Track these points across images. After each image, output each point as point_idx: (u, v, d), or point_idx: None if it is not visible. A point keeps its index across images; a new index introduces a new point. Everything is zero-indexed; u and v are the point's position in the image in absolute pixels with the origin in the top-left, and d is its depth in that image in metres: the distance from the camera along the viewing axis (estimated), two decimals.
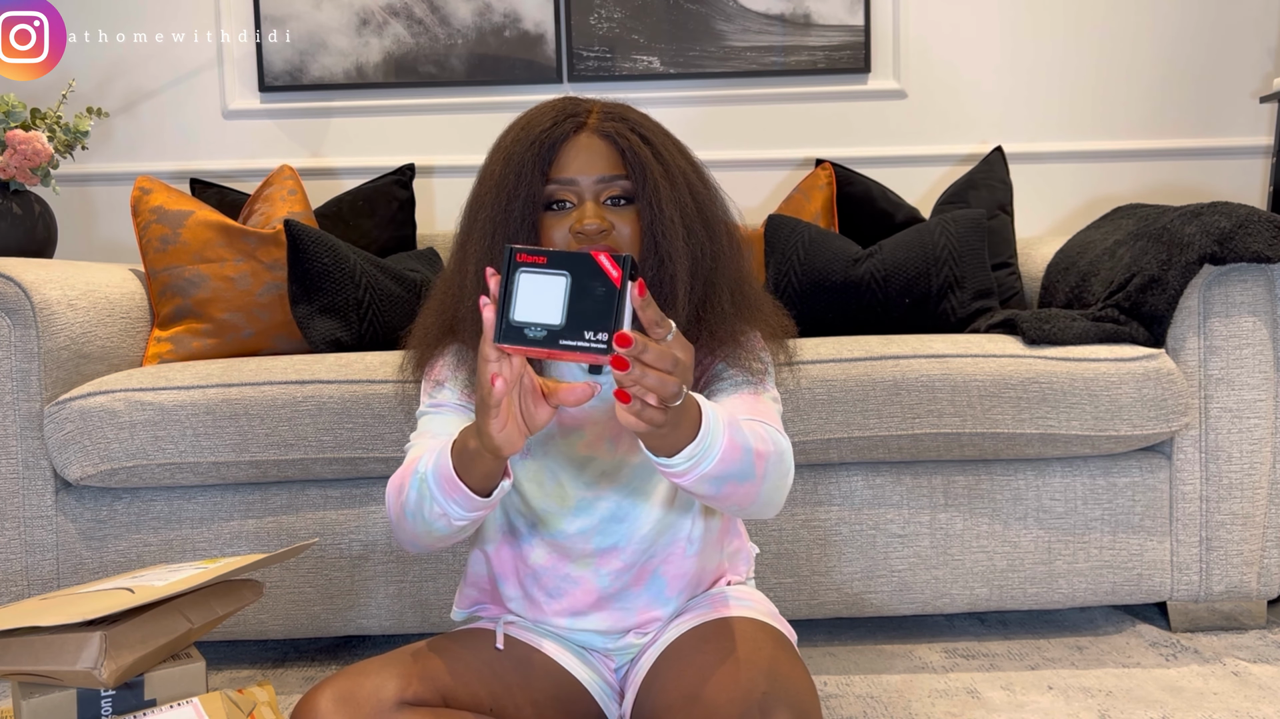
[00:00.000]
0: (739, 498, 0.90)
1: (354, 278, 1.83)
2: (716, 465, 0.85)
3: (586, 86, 2.40)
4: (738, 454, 0.86)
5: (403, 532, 0.99)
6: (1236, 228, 1.57)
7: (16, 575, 1.58)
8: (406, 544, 1.00)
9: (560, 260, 0.74)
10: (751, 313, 1.05)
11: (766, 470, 0.91)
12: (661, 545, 1.07)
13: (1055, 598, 1.63)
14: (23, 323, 1.56)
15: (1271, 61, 2.46)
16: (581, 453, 1.05)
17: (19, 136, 1.90)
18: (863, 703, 1.41)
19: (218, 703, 0.98)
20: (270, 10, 2.41)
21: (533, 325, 0.74)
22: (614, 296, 0.72)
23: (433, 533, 0.94)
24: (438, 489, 0.90)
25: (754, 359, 1.03)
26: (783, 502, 0.98)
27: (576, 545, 1.06)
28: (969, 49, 2.46)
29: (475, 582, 1.14)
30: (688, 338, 0.99)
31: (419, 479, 0.92)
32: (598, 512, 1.05)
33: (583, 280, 0.73)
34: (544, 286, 0.73)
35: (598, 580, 1.06)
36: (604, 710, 1.08)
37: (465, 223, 1.04)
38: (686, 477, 0.85)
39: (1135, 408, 1.56)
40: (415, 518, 0.94)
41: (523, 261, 0.74)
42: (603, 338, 0.72)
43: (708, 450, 0.84)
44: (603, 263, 0.73)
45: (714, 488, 0.87)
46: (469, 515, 0.91)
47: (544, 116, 1.01)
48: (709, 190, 1.05)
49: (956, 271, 1.88)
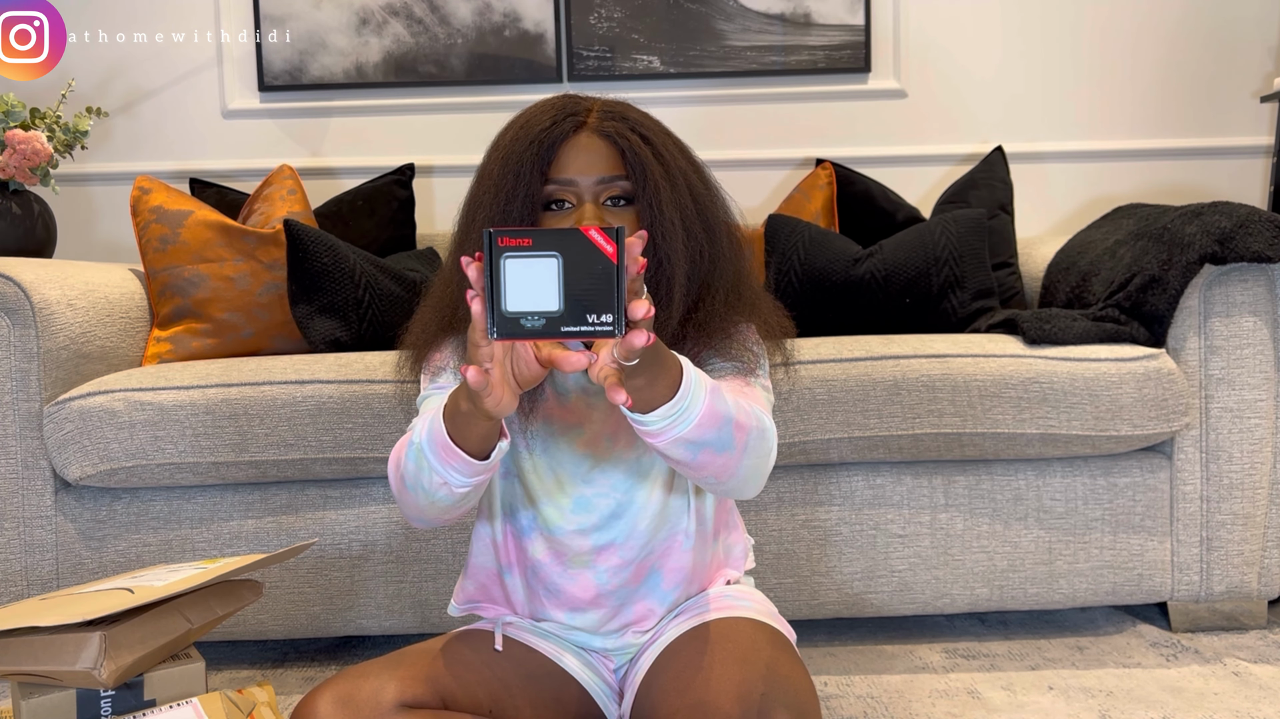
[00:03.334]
0: (716, 468, 0.89)
1: (353, 277, 1.83)
2: (694, 429, 0.83)
3: (586, 86, 2.40)
4: (717, 420, 0.85)
5: (406, 505, 0.97)
6: (1237, 227, 1.56)
7: (16, 575, 1.58)
8: (412, 518, 0.99)
9: (548, 240, 0.68)
10: (748, 310, 1.05)
11: (747, 443, 0.89)
12: (659, 541, 1.07)
13: (1056, 598, 1.63)
14: (22, 323, 1.56)
15: (1271, 61, 2.46)
16: (581, 450, 1.05)
17: (18, 136, 1.90)
18: (863, 703, 1.41)
19: (217, 703, 0.98)
20: (270, 10, 2.41)
21: (529, 314, 0.68)
22: (613, 275, 0.68)
23: (435, 503, 0.93)
24: (435, 458, 0.89)
25: (744, 350, 1.02)
26: (762, 482, 0.96)
27: (574, 543, 1.05)
28: (969, 49, 2.46)
29: (476, 574, 1.13)
30: (678, 333, 0.99)
31: (415, 449, 0.91)
32: (596, 509, 1.05)
33: (576, 259, 0.67)
34: (534, 271, 0.68)
35: (596, 578, 1.06)
36: (603, 711, 1.08)
37: (463, 222, 1.04)
38: (662, 437, 0.83)
39: (1136, 408, 1.56)
40: (415, 489, 0.93)
41: (506, 246, 0.68)
42: (608, 319, 0.68)
43: (686, 411, 0.82)
44: (595, 238, 0.68)
45: (690, 453, 0.86)
46: (470, 481, 0.89)
47: (543, 115, 1.00)
48: (709, 191, 1.04)
49: (957, 271, 1.88)
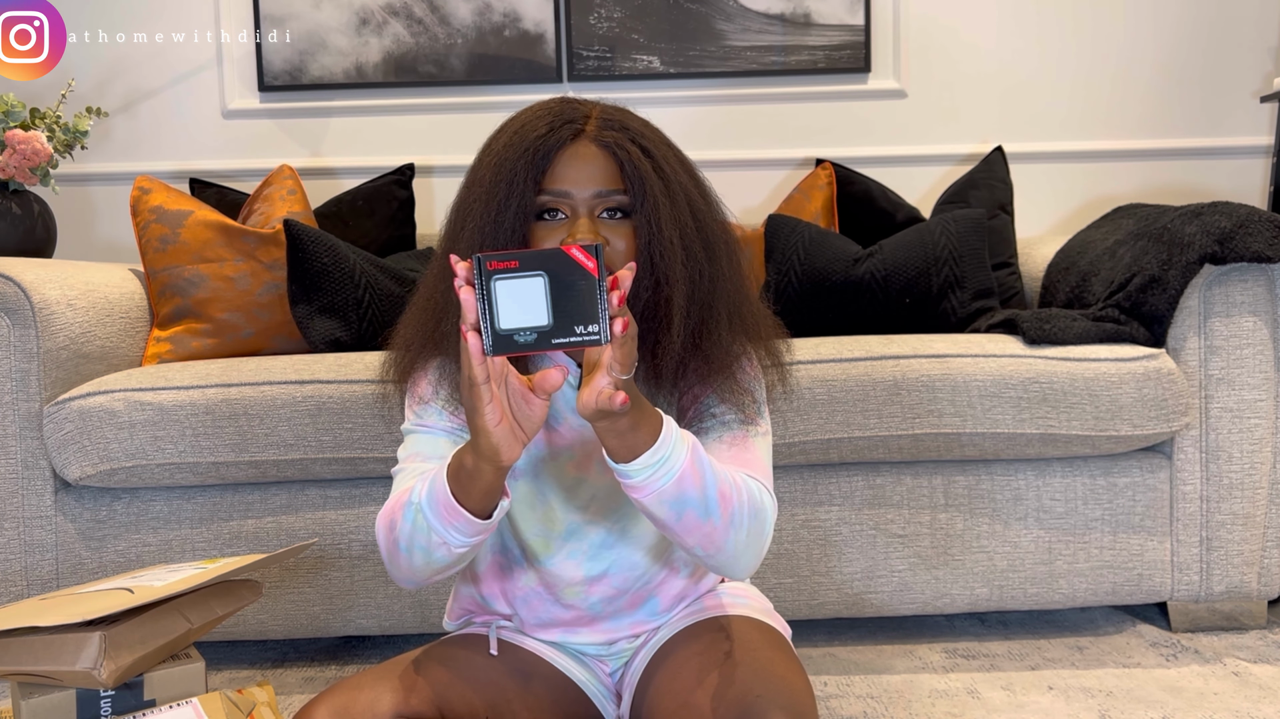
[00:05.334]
0: (701, 536, 0.87)
1: (353, 277, 1.83)
2: (675, 485, 0.83)
3: (586, 86, 2.40)
4: (699, 480, 0.84)
5: (398, 568, 0.94)
6: (1237, 227, 1.56)
7: (16, 575, 1.58)
8: (402, 579, 0.96)
9: (533, 261, 0.74)
10: (750, 335, 1.01)
11: (734, 515, 0.88)
12: (655, 573, 1.06)
13: (1055, 598, 1.63)
14: (22, 323, 1.56)
15: (1271, 61, 2.46)
16: (571, 474, 1.02)
17: (18, 136, 1.90)
18: (863, 703, 1.41)
19: (217, 703, 0.98)
20: (270, 10, 2.41)
21: (521, 330, 0.74)
22: (595, 289, 0.74)
23: (432, 563, 0.91)
24: (435, 517, 0.87)
25: (746, 395, 0.99)
26: (755, 561, 0.94)
27: (566, 573, 1.03)
28: (969, 49, 2.46)
29: (463, 598, 1.12)
30: (682, 365, 0.96)
31: (413, 509, 0.88)
32: (587, 537, 1.03)
33: (560, 277, 0.74)
34: (523, 290, 0.74)
35: (588, 607, 1.05)
36: (601, 712, 1.07)
37: (451, 229, 0.99)
38: (645, 490, 0.83)
39: (1136, 408, 1.56)
40: (410, 550, 0.90)
41: (495, 269, 0.74)
42: (594, 329, 0.74)
43: (667, 460, 0.82)
44: (576, 256, 0.74)
45: (674, 512, 0.85)
46: (469, 541, 0.88)
47: (539, 121, 0.95)
48: (709, 205, 1.00)
49: (957, 271, 1.88)
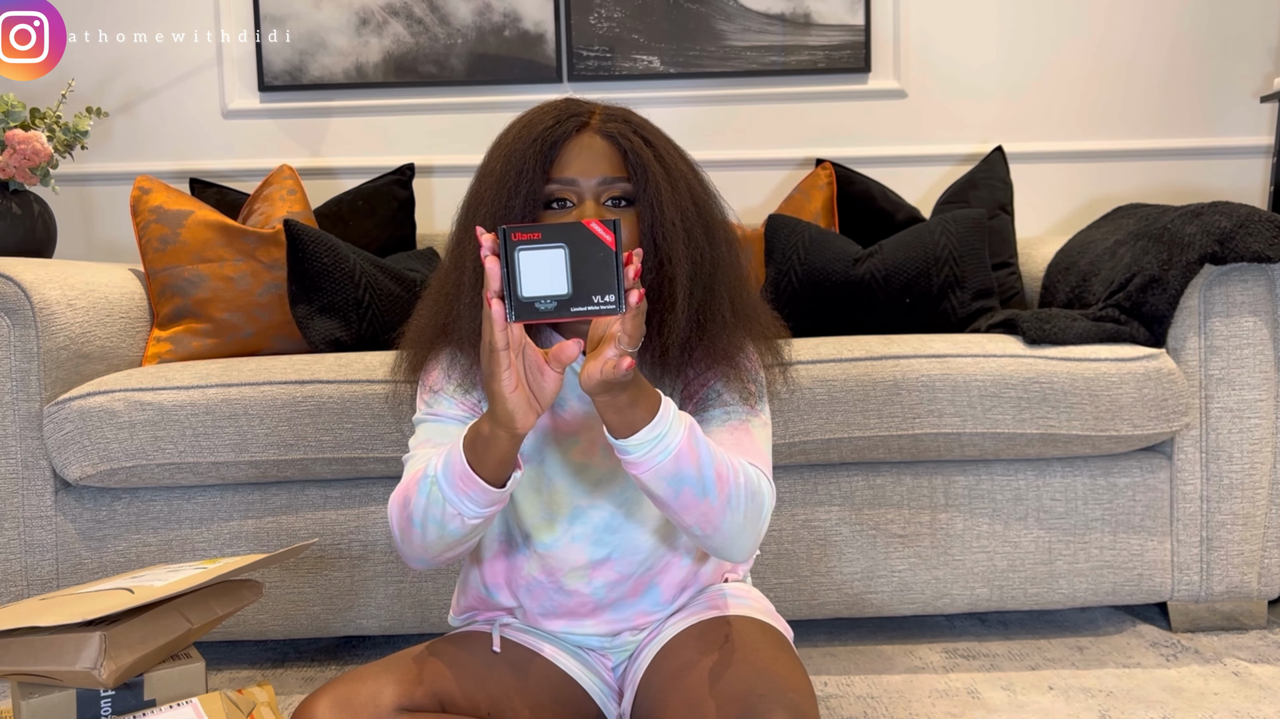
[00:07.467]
0: (699, 515, 0.90)
1: (353, 277, 1.83)
2: (673, 462, 0.86)
3: (586, 86, 2.40)
4: (695, 459, 0.87)
5: (410, 545, 0.96)
6: (1237, 227, 1.56)
7: (16, 575, 1.58)
8: (414, 558, 0.98)
9: (554, 234, 0.78)
10: (750, 322, 1.04)
11: (731, 496, 0.91)
12: (658, 558, 1.07)
13: (1055, 598, 1.63)
14: (22, 323, 1.56)
15: (1271, 61, 2.46)
16: (577, 459, 1.05)
17: (18, 136, 1.90)
18: (863, 703, 1.41)
19: (217, 703, 0.98)
20: (270, 10, 2.41)
21: (542, 299, 0.78)
22: (613, 261, 0.78)
23: (445, 537, 0.93)
24: (450, 488, 0.89)
25: (749, 381, 1.02)
26: (753, 544, 0.97)
27: (569, 557, 1.05)
28: (969, 49, 2.46)
29: (471, 592, 1.13)
30: (687, 347, 0.99)
31: (429, 481, 0.91)
32: (591, 521, 1.04)
33: (580, 249, 0.78)
34: (545, 260, 0.78)
35: (592, 593, 1.06)
36: (603, 711, 1.08)
37: (463, 220, 1.03)
38: (644, 466, 0.86)
39: (1136, 408, 1.56)
40: (425, 524, 0.93)
41: (519, 240, 0.78)
42: (610, 299, 0.78)
43: (665, 437, 0.85)
44: (596, 230, 0.78)
45: (672, 489, 0.88)
46: (483, 511, 0.90)
47: (546, 115, 1.00)
48: (709, 195, 1.04)
49: (957, 271, 1.88)
